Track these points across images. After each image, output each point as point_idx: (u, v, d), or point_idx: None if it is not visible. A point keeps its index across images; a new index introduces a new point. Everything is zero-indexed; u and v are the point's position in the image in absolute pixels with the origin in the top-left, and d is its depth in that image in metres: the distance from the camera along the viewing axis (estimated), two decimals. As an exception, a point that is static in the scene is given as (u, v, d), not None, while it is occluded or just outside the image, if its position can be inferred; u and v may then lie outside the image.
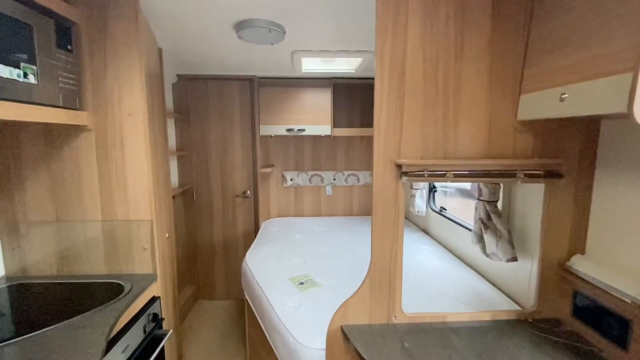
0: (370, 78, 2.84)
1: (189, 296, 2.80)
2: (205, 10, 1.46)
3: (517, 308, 1.41)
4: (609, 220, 1.10)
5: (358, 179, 3.14)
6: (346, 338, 1.15)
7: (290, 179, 3.09)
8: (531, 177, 1.12)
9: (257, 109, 2.78)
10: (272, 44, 1.80)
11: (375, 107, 1.11)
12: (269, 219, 3.11)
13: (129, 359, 1.12)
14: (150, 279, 1.37)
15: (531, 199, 1.39)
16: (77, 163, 1.35)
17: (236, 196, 2.95)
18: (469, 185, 2.27)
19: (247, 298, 1.94)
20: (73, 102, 1.20)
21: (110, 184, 1.38)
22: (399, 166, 1.12)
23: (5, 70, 0.92)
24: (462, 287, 1.67)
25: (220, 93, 2.84)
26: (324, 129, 2.81)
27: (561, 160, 1.13)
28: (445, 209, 2.50)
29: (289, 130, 2.78)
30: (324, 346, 1.22)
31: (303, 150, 3.08)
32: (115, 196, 1.39)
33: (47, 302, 1.18)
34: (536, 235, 1.30)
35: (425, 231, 2.70)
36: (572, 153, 1.15)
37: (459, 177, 1.12)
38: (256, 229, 2.96)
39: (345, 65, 2.47)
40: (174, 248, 1.95)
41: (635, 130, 1.01)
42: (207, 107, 2.84)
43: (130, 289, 1.23)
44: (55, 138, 1.34)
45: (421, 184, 2.52)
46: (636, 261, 1.00)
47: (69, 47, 1.17)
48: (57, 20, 1.13)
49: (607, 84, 0.78)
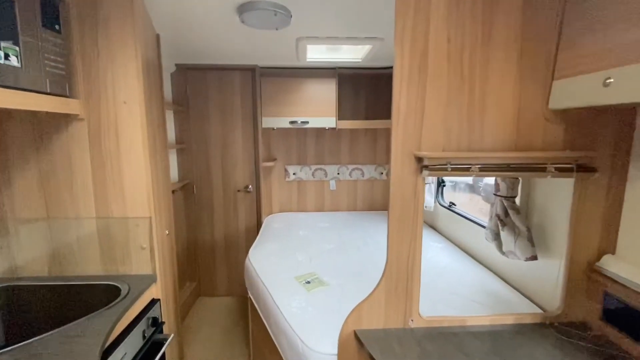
0: (377, 68, 2.75)
1: (189, 293, 2.75)
2: (205, -9, 1.35)
3: (538, 310, 1.37)
4: None
5: (362, 174, 3.07)
6: (360, 343, 1.09)
7: (293, 173, 3.01)
8: (562, 171, 1.04)
9: (259, 100, 2.70)
10: (277, 29, 1.69)
11: (394, 94, 1.02)
12: (271, 214, 3.06)
13: (127, 367, 1.04)
14: (149, 280, 1.28)
15: (553, 194, 1.32)
16: (69, 155, 1.25)
17: (238, 191, 2.88)
18: (470, 179, 2.20)
19: (251, 297, 1.88)
20: (62, 89, 1.09)
21: (104, 178, 1.28)
22: (420, 159, 1.04)
23: (-17, 51, 0.82)
24: (476, 286, 1.62)
25: (221, 84, 2.74)
26: (328, 121, 2.72)
27: (594, 152, 1.06)
28: (455, 204, 2.43)
29: (292, 122, 2.69)
30: (335, 351, 1.16)
31: (306, 143, 3.01)
32: (111, 191, 1.29)
33: (38, 307, 1.10)
34: (559, 233, 1.25)
35: (432, 227, 2.63)
36: (605, 145, 1.07)
37: (484, 172, 1.03)
38: (258, 224, 2.90)
39: (352, 54, 2.38)
40: (174, 245, 1.86)
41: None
42: (207, 99, 2.75)
43: (128, 292, 1.14)
44: (44, 128, 1.24)
45: (429, 177, 2.44)
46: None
47: (57, 27, 1.06)
48: (43, -4, 1.02)
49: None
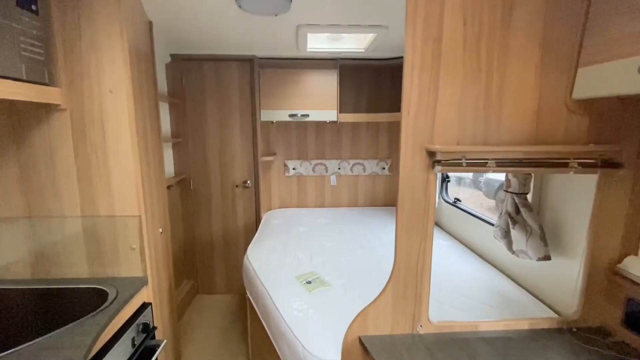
0: (381, 59, 2.65)
1: (187, 291, 2.68)
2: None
3: (551, 312, 1.31)
4: None
5: (364, 168, 2.98)
6: (365, 350, 1.03)
7: (293, 168, 2.93)
8: (585, 167, 0.96)
9: (258, 92, 2.60)
10: (276, 15, 1.59)
11: (405, 83, 0.93)
12: (270, 210, 2.98)
13: (115, 378, 0.96)
14: (139, 283, 1.20)
15: (568, 190, 1.25)
16: (50, 149, 1.15)
17: (236, 186, 2.80)
18: (470, 174, 2.13)
19: (250, 297, 1.80)
20: (40, 76, 1.00)
21: (90, 173, 1.19)
22: (432, 153, 0.95)
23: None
24: (484, 287, 1.56)
25: (218, 75, 2.64)
26: (329, 114, 2.63)
27: (620, 147, 0.97)
28: (460, 200, 2.36)
29: (292, 115, 2.60)
30: (338, 357, 1.10)
31: (306, 137, 2.92)
32: (97, 188, 1.20)
33: (17, 314, 1.01)
34: (574, 232, 1.20)
35: (436, 224, 2.56)
36: (632, 139, 0.99)
37: (502, 167, 0.95)
38: (257, 220, 2.83)
39: (354, 44, 2.28)
40: (169, 244, 1.78)
41: None
42: (204, 91, 2.65)
43: (116, 296, 1.06)
44: (23, 120, 1.15)
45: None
46: None
47: (33, 7, 0.96)
48: (17, -28, 0.92)
49: None
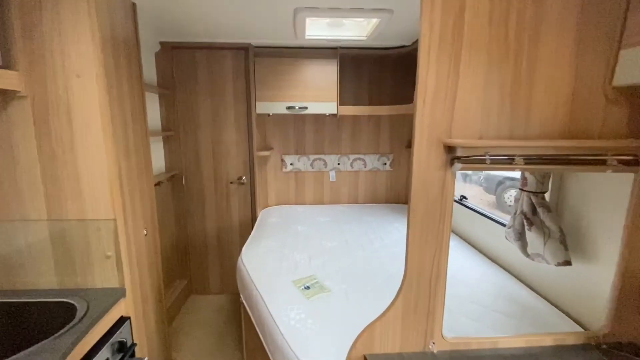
0: (383, 48, 2.50)
1: (179, 292, 2.56)
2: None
3: (572, 322, 1.21)
4: None
5: (365, 164, 2.86)
6: None
7: (290, 164, 2.80)
8: (624, 164, 0.83)
9: (253, 83, 2.45)
10: (271, -5, 1.44)
11: (420, 67, 0.80)
12: (267, 207, 2.85)
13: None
14: (115, 294, 1.07)
15: (591, 189, 1.16)
16: (9, 143, 1.01)
17: (230, 182, 2.66)
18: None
19: (244, 302, 1.68)
20: (-7, 57, 0.86)
21: (56, 171, 1.05)
22: (451, 149, 0.82)
23: None
24: (497, 293, 1.45)
25: (211, 64, 2.48)
26: (329, 106, 2.49)
27: None
28: (467, 198, 2.24)
29: (289, 108, 2.46)
30: (340, 376, 0.97)
31: (304, 131, 2.78)
32: (65, 187, 1.06)
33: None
34: (598, 236, 1.13)
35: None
36: None
37: (531, 164, 0.83)
38: (253, 218, 2.70)
39: (356, 31, 2.13)
40: (158, 245, 1.65)
41: None
42: (196, 81, 2.50)
43: (86, 312, 0.92)
44: (-23, 108, 1.00)
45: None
46: None
47: (-19, -25, 0.82)
48: None
49: None
